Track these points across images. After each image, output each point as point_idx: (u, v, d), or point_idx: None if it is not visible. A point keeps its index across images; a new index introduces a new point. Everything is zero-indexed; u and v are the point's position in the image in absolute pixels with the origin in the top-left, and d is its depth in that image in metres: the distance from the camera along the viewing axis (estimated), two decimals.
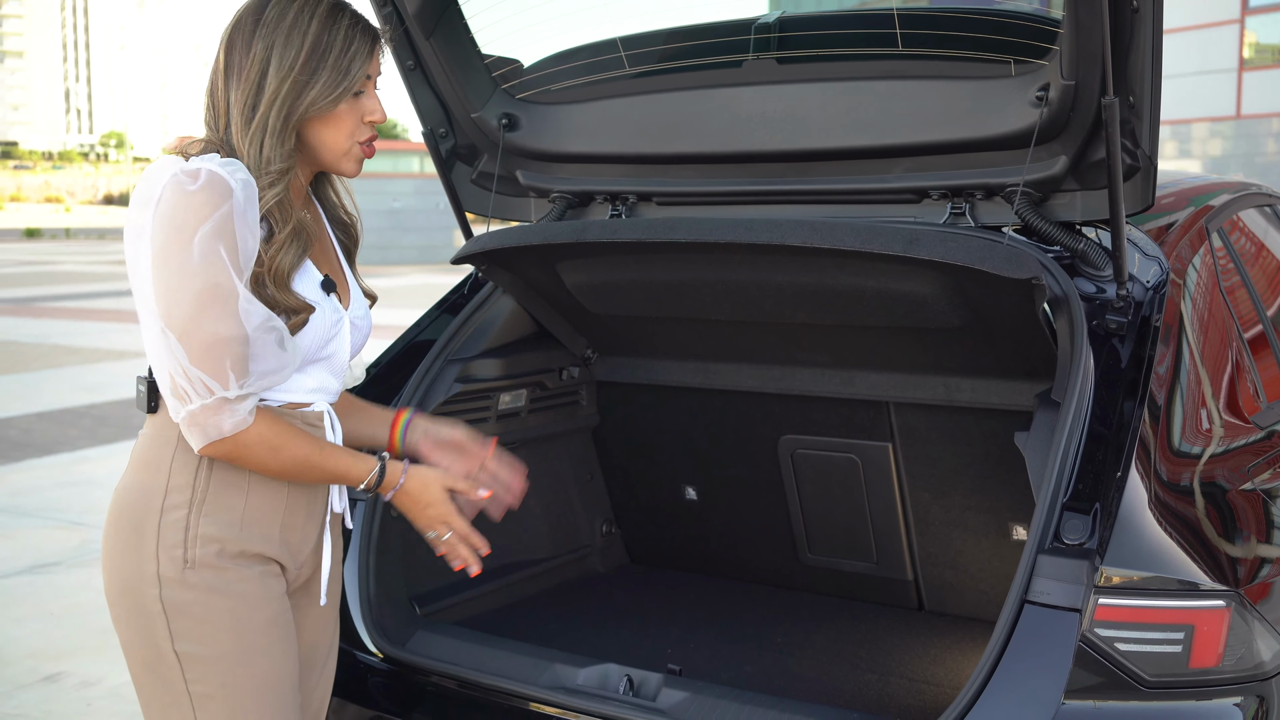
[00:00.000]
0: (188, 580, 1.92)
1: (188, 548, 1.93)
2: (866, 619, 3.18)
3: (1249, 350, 2.68)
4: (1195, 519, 2.16)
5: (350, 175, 2.08)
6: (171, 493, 1.94)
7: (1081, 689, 1.96)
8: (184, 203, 1.83)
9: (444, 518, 2.08)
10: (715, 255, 2.67)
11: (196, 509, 1.94)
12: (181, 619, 1.93)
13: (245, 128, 1.93)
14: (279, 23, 1.94)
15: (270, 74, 1.93)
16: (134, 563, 1.94)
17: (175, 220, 1.83)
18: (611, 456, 3.55)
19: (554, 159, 3.01)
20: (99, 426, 8.99)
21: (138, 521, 1.95)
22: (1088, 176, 2.46)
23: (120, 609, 1.97)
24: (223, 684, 1.94)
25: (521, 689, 2.40)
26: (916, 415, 3.01)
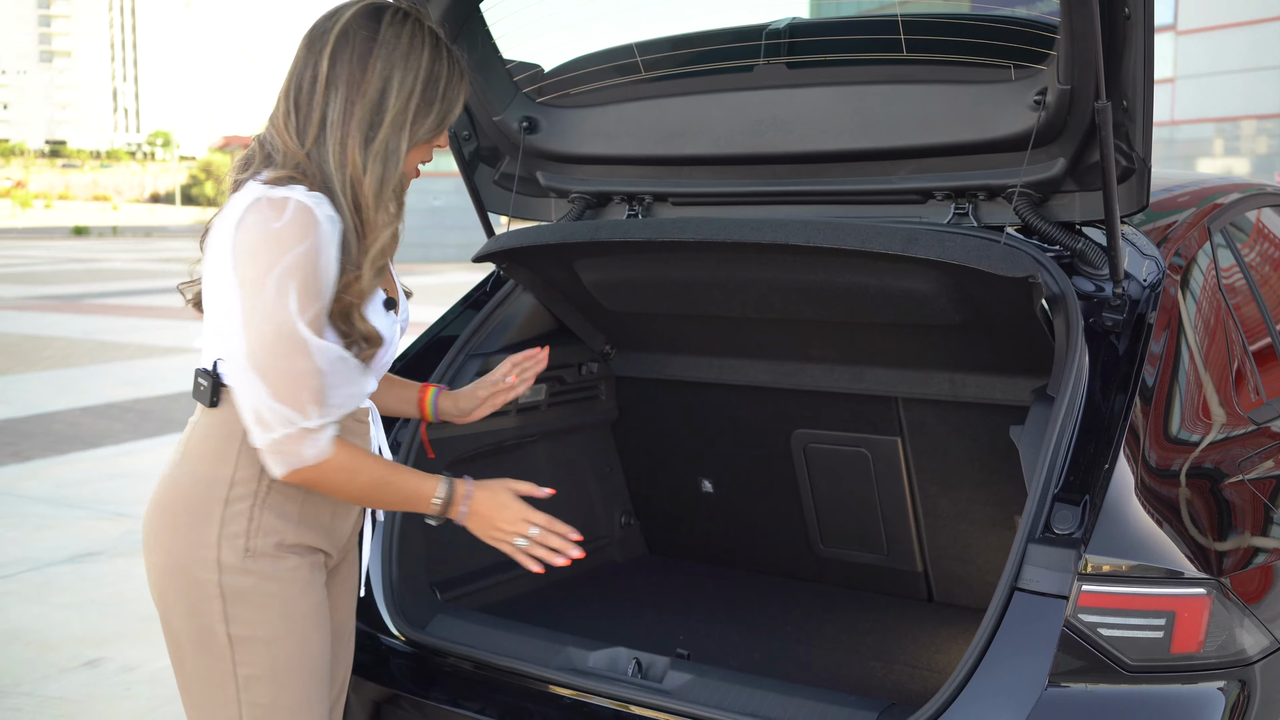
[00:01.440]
0: (247, 568, 2.01)
1: (250, 537, 2.02)
2: (876, 609, 3.25)
3: (1248, 347, 2.73)
4: (1182, 509, 2.22)
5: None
6: (237, 485, 2.03)
7: (1065, 672, 2.03)
8: (267, 236, 1.88)
9: (522, 515, 2.11)
10: (724, 254, 2.75)
11: (260, 502, 2.03)
12: (238, 604, 2.01)
13: (364, 147, 1.96)
14: (396, 44, 1.98)
15: (392, 95, 1.97)
16: (192, 547, 2.02)
17: (257, 255, 1.88)
18: (630, 450, 3.63)
19: (573, 161, 3.09)
20: (142, 421, 9.16)
21: (199, 509, 2.03)
22: (1085, 178, 2.52)
23: (171, 590, 2.05)
24: (269, 666, 2.04)
25: (534, 670, 2.50)
26: (924, 410, 3.08)
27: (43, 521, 6.40)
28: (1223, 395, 2.52)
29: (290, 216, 1.89)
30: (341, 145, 1.96)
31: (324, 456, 1.94)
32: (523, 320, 3.23)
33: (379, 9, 2.01)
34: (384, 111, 1.97)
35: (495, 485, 2.12)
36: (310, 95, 1.98)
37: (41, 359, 12.43)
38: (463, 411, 2.48)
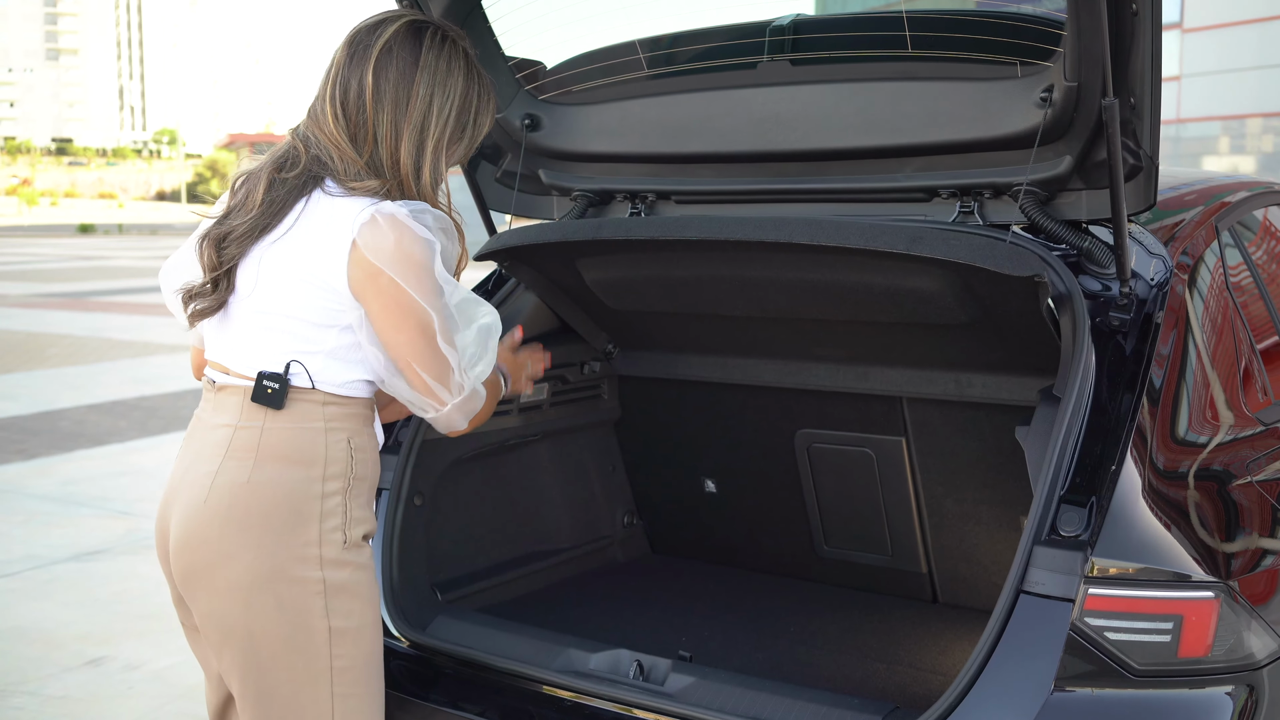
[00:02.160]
0: (345, 559, 2.10)
1: (346, 530, 2.10)
2: (880, 610, 3.23)
3: (1256, 347, 2.70)
4: (1189, 511, 2.20)
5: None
6: (329, 480, 2.09)
7: (1072, 677, 2.01)
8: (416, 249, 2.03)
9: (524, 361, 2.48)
10: (728, 252, 2.73)
11: (350, 493, 2.12)
12: (340, 596, 2.08)
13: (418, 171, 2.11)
14: (436, 67, 2.10)
15: (433, 121, 2.10)
16: (292, 549, 2.06)
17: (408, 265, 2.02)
18: (633, 449, 3.62)
19: (575, 158, 3.08)
20: (149, 418, 9.17)
21: (296, 510, 2.06)
22: (1092, 176, 2.49)
23: (263, 597, 2.05)
24: (359, 654, 2.12)
25: (535, 672, 2.48)
26: (929, 410, 3.06)
27: (48, 519, 6.39)
28: (1230, 396, 2.50)
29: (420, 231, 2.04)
30: (394, 163, 2.09)
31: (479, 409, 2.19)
32: (525, 319, 3.21)
33: (420, 28, 2.11)
34: (426, 136, 2.10)
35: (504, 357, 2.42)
36: (359, 106, 2.09)
37: (48, 356, 12.44)
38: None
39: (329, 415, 2.10)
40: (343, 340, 2.08)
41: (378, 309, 2.03)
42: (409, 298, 2.02)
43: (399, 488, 2.80)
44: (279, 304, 2.08)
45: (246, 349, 2.12)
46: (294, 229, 2.07)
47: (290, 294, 2.07)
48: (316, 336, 2.08)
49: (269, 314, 2.09)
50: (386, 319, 2.04)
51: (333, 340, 2.08)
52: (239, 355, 2.13)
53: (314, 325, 2.07)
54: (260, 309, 2.10)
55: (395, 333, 2.04)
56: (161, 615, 4.88)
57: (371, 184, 2.07)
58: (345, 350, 2.09)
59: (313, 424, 2.09)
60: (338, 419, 2.11)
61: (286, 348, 2.08)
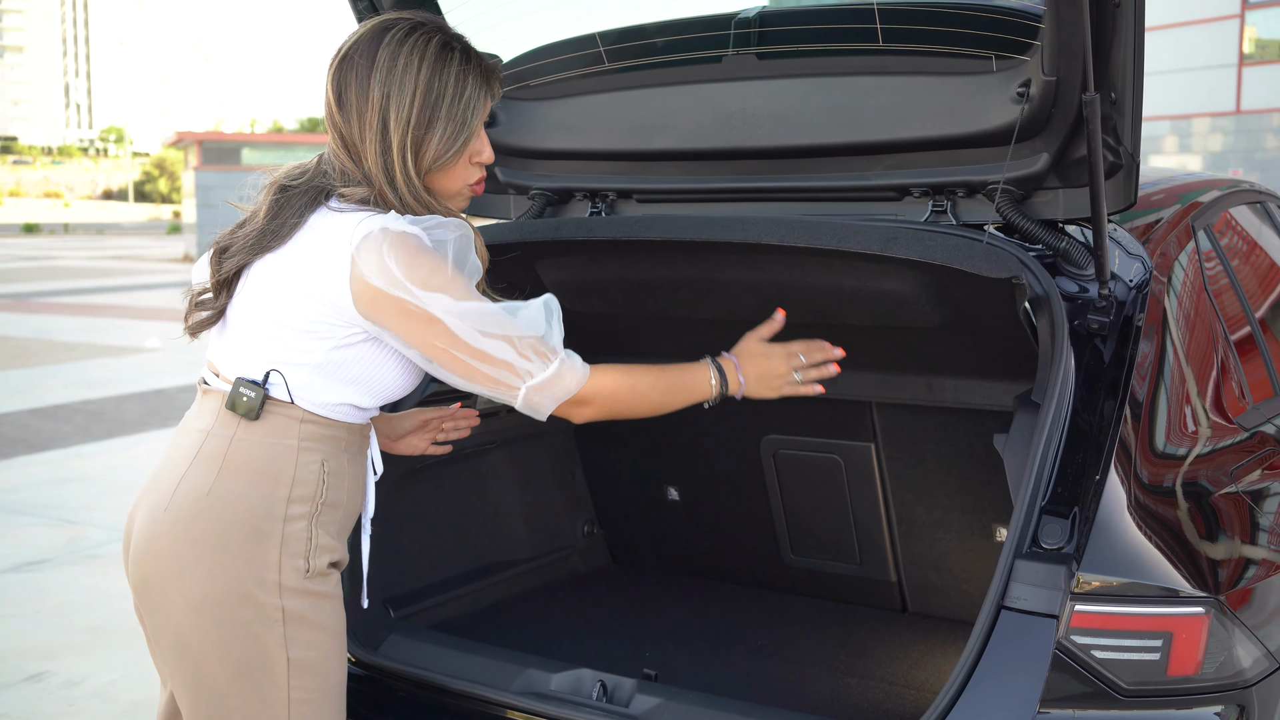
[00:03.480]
0: (306, 588, 1.96)
1: (309, 556, 1.97)
2: (849, 621, 3.15)
3: (1235, 350, 2.64)
4: (1176, 523, 2.12)
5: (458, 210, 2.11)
6: (295, 502, 1.96)
7: (1057, 698, 1.92)
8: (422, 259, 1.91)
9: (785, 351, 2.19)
10: (693, 253, 2.64)
11: (316, 519, 1.98)
12: (298, 626, 1.96)
13: (390, 179, 1.98)
14: (391, 66, 1.96)
15: (392, 123, 1.97)
16: (248, 571, 1.93)
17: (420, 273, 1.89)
18: (593, 456, 3.52)
19: (533, 155, 2.97)
20: (93, 423, 8.97)
21: (256, 529, 1.94)
22: (1070, 174, 2.42)
23: (216, 619, 1.94)
24: (319, 687, 1.99)
25: (493, 695, 2.37)
26: (900, 415, 2.98)
27: None
28: (1214, 402, 2.43)
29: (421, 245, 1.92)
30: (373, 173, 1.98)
31: (588, 376, 1.97)
32: None
33: (386, 28, 2.00)
34: (389, 140, 1.97)
35: (751, 348, 2.17)
36: (332, 119, 2.01)
37: None
38: (395, 433, 2.40)
39: (305, 434, 1.98)
40: (334, 357, 1.97)
41: (397, 325, 1.93)
42: (421, 310, 1.90)
43: None
44: (271, 311, 1.98)
45: (233, 353, 2.02)
46: (296, 240, 1.98)
47: (284, 301, 1.97)
48: (304, 346, 1.96)
49: (260, 320, 2.00)
50: (410, 331, 1.93)
51: (322, 354, 1.96)
52: (226, 359, 2.04)
53: (304, 334, 1.96)
54: (252, 314, 2.01)
55: (425, 341, 1.93)
56: (105, 629, 4.74)
57: (359, 191, 1.98)
58: (336, 367, 1.97)
59: (286, 440, 1.97)
60: (314, 439, 1.98)
61: (270, 356, 1.98)
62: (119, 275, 23.93)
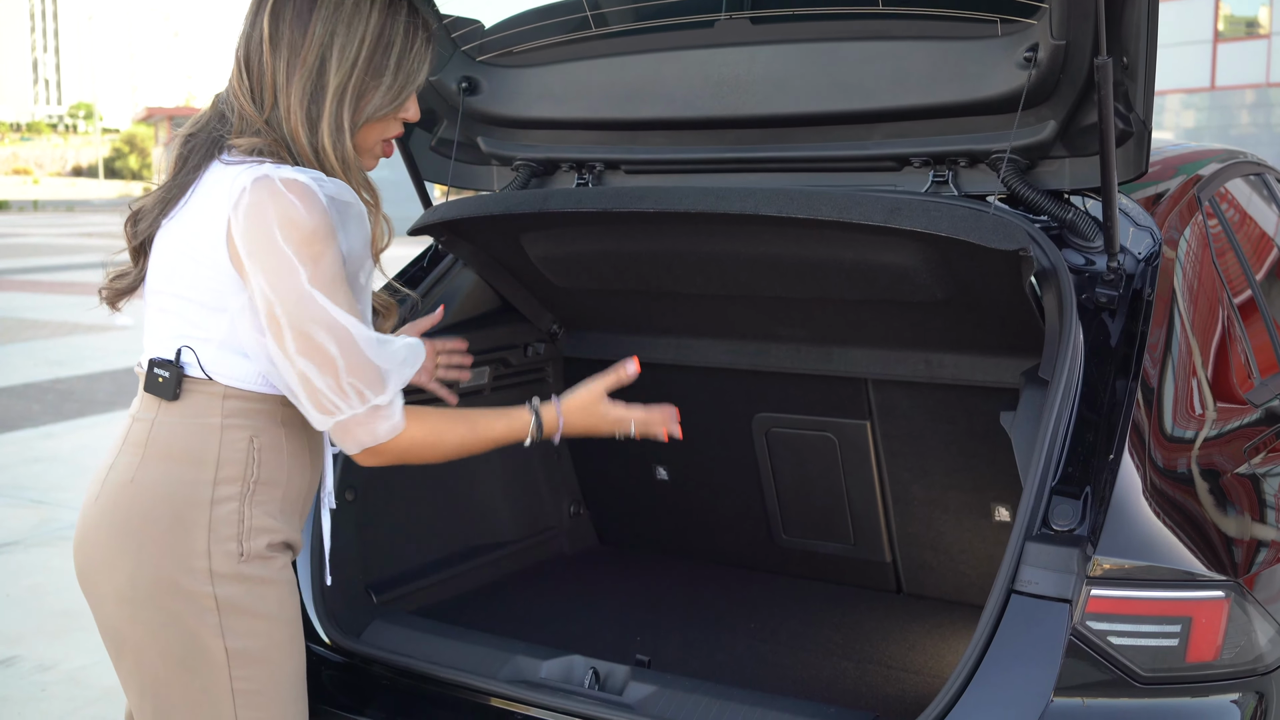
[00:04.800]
0: (242, 574, 1.86)
1: (242, 540, 1.86)
2: (843, 603, 3.07)
3: (1242, 325, 2.57)
4: (1191, 504, 2.05)
5: (367, 170, 1.97)
6: (222, 484, 1.85)
7: (1071, 686, 1.85)
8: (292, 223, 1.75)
9: (621, 417, 2.09)
10: (686, 226, 2.54)
11: (248, 499, 1.87)
12: (235, 614, 1.85)
13: (311, 124, 1.83)
14: (339, 4, 1.82)
15: (333, 65, 1.82)
16: (175, 558, 1.83)
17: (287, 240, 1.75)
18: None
19: (517, 125, 2.87)
20: (63, 402, 8.83)
21: (181, 515, 1.84)
22: (1077, 142, 2.34)
23: (147, 611, 1.85)
24: (267, 676, 1.89)
25: (480, 683, 2.29)
26: (896, 392, 2.90)
27: None
28: (1224, 379, 2.36)
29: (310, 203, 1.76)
30: (288, 116, 1.83)
31: (398, 431, 1.84)
32: (463, 298, 3.00)
33: None
34: (325, 80, 1.82)
35: (584, 398, 2.07)
36: (259, 56, 1.84)
37: None
38: None
39: (229, 410, 1.86)
40: (240, 328, 1.84)
41: (256, 291, 1.78)
42: (281, 281, 1.75)
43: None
44: (170, 283, 1.87)
45: (150, 330, 1.91)
46: (192, 199, 1.86)
47: (179, 272, 1.85)
48: (206, 322, 1.84)
49: (163, 294, 1.88)
50: (263, 302, 1.77)
51: (224, 328, 1.84)
52: (147, 336, 1.92)
53: (203, 308, 1.84)
54: (156, 288, 1.90)
55: (271, 321, 1.77)
56: (77, 612, 4.63)
57: (253, 141, 1.82)
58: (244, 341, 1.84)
59: (208, 419, 1.85)
60: (239, 415, 1.86)
61: (178, 331, 1.87)
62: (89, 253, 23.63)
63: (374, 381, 1.81)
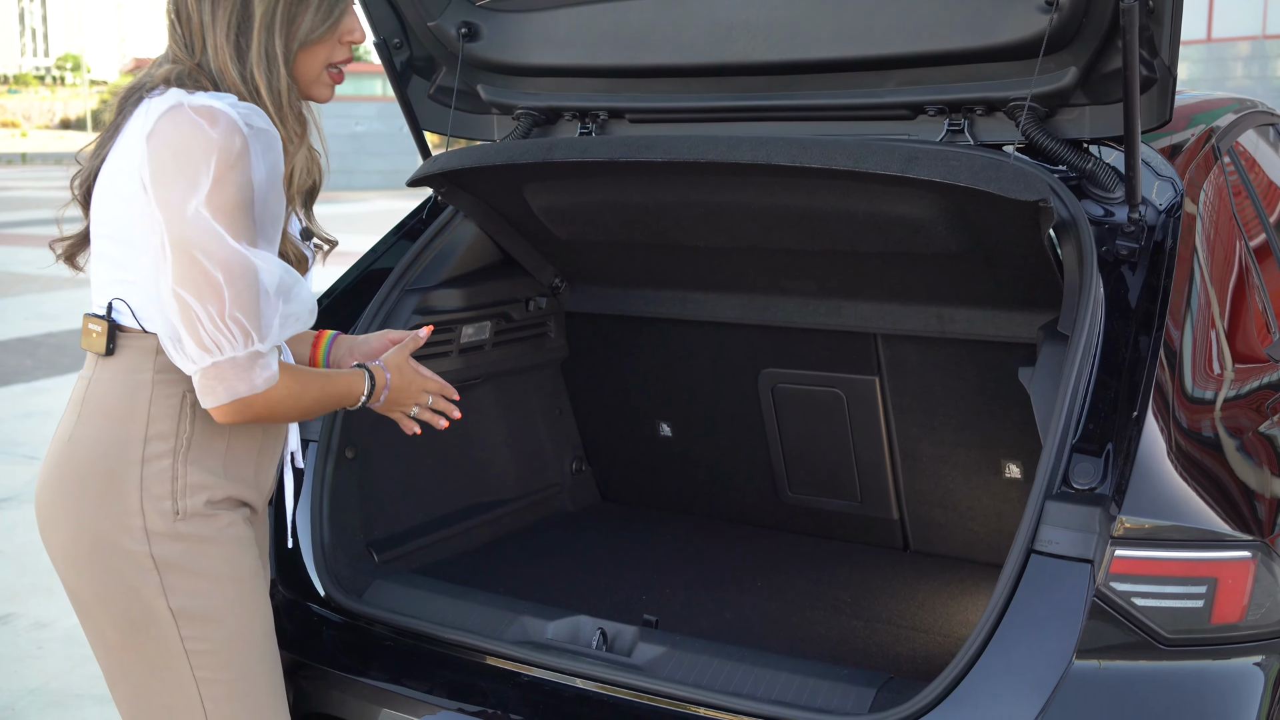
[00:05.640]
0: (179, 532, 1.81)
1: (176, 498, 1.81)
2: (849, 560, 3.03)
3: (1262, 280, 2.51)
4: (1215, 462, 2.00)
5: (322, 101, 1.89)
6: (153, 441, 1.80)
7: (1094, 648, 1.81)
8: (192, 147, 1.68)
9: (422, 386, 2.04)
10: (695, 176, 2.47)
11: (182, 456, 1.81)
12: (175, 573, 1.81)
13: (239, 57, 1.76)
14: None
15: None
16: (111, 518, 1.80)
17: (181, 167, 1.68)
18: (582, 391, 3.37)
19: (518, 72, 2.79)
20: (56, 356, 8.76)
21: (113, 474, 1.80)
22: (1098, 89, 2.27)
23: (91, 571, 1.82)
24: (219, 636, 1.84)
25: (486, 644, 2.24)
26: (906, 347, 2.84)
27: None
28: (1245, 334, 2.30)
29: (217, 126, 1.68)
30: (217, 53, 1.76)
31: (274, 382, 1.77)
32: (464, 251, 2.93)
33: None
34: (250, 12, 1.76)
35: (399, 362, 2.01)
36: (184, 4, 1.79)
37: None
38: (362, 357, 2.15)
39: (161, 365, 1.80)
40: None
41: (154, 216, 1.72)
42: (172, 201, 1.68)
43: (329, 440, 2.53)
44: (102, 225, 1.82)
45: (92, 284, 1.87)
46: (118, 140, 1.81)
47: (108, 212, 1.80)
48: (134, 262, 1.78)
49: (99, 238, 1.84)
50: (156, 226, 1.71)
51: (150, 266, 1.76)
52: (91, 291, 1.88)
53: (129, 248, 1.78)
54: (95, 234, 1.85)
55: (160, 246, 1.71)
56: None
57: (173, 68, 1.78)
58: None
59: (140, 375, 1.80)
60: (172, 369, 1.80)
61: (110, 278, 1.81)
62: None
63: (261, 325, 1.73)
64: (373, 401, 1.97)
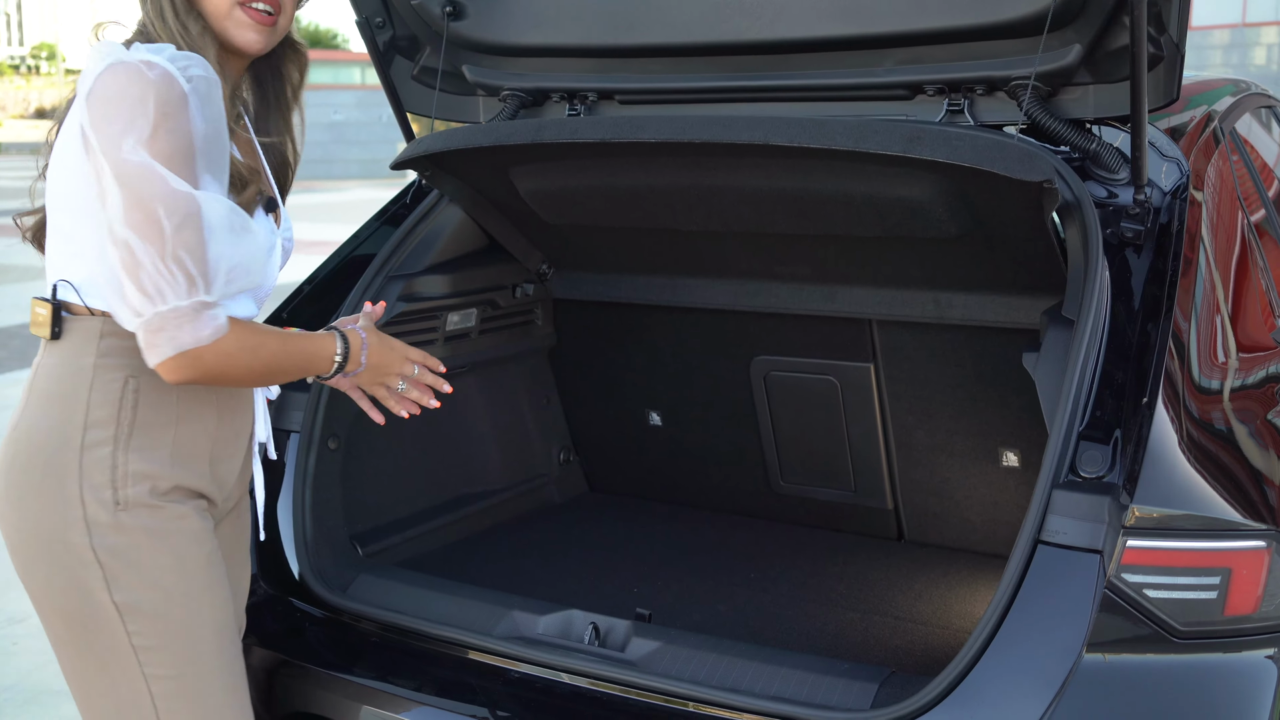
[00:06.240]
0: (121, 523, 1.74)
1: (117, 488, 1.74)
2: (844, 551, 2.98)
3: (1266, 265, 2.47)
4: (1226, 449, 1.95)
5: (247, 47, 1.81)
6: (92, 428, 1.73)
7: (1104, 641, 1.76)
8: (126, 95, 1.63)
9: (404, 354, 1.92)
10: (688, 158, 2.41)
11: (123, 444, 1.74)
12: (118, 566, 1.74)
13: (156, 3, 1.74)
14: None
15: None
16: (52, 509, 1.73)
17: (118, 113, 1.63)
18: (570, 380, 3.31)
19: (504, 52, 2.72)
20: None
21: (52, 463, 1.74)
22: (1102, 67, 2.22)
23: (35, 561, 1.76)
24: (170, 632, 1.77)
25: (476, 640, 2.18)
26: (902, 333, 2.79)
27: None
28: (1254, 319, 2.25)
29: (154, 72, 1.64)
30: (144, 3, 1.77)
31: (222, 333, 1.67)
32: (449, 237, 2.86)
33: None
34: None
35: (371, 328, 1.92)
36: None
37: None
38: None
39: (104, 349, 1.74)
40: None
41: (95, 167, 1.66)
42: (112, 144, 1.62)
43: (310, 431, 2.46)
44: (52, 198, 1.76)
45: (45, 267, 1.80)
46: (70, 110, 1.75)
47: (57, 181, 1.74)
48: (78, 230, 1.71)
49: (50, 213, 1.77)
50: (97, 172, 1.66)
51: (94, 234, 1.70)
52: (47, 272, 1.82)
53: (74, 214, 1.71)
54: (48, 210, 1.79)
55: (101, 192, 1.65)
56: None
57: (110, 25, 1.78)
58: None
59: (82, 360, 1.74)
60: (115, 354, 1.74)
61: (60, 253, 1.75)
62: None
63: (208, 270, 1.65)
64: (351, 368, 1.87)
